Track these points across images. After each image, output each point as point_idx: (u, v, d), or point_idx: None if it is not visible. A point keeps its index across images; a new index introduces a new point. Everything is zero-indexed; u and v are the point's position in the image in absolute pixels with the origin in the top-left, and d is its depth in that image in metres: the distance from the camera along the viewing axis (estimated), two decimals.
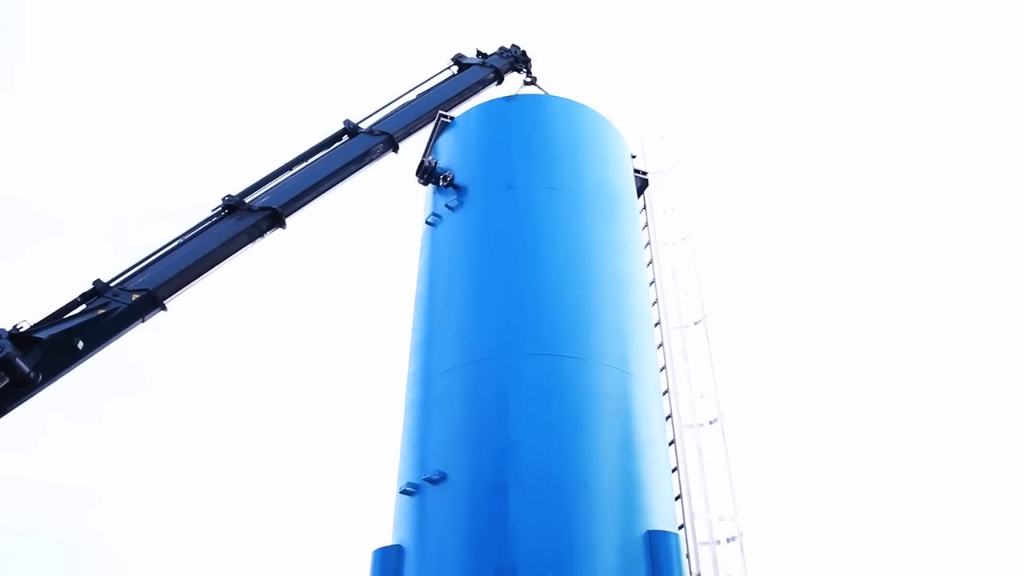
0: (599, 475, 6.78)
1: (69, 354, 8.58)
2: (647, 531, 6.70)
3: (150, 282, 9.17)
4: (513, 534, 6.39)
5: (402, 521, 7.17)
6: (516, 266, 7.86)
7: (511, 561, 6.28)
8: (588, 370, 7.29)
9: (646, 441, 7.32)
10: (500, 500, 6.53)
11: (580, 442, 6.89)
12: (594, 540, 6.49)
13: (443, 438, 7.18)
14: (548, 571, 6.25)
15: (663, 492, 7.28)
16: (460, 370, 7.40)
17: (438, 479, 6.84)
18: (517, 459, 6.71)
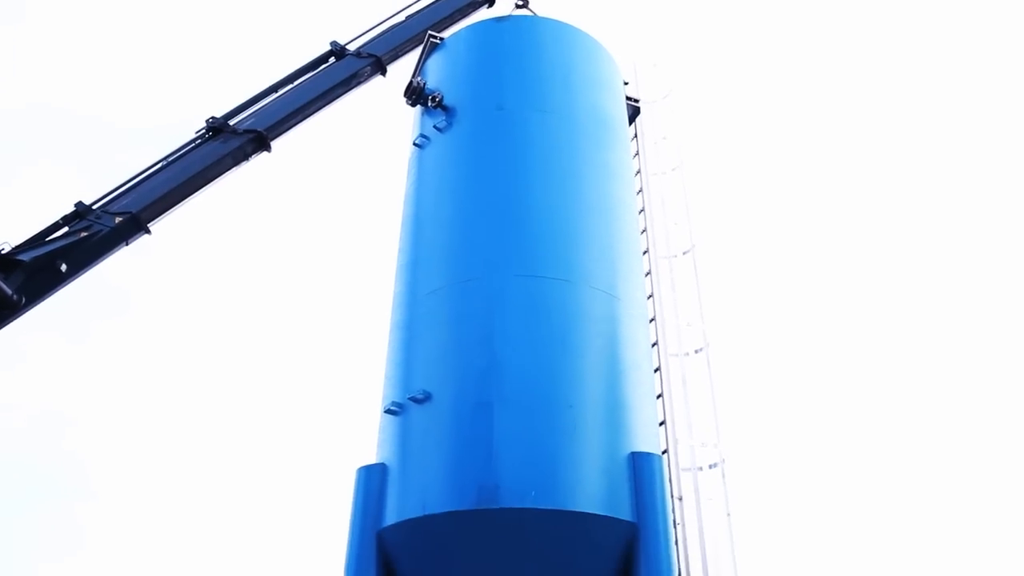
0: (584, 396, 6.80)
1: (52, 277, 8.49)
2: (631, 453, 6.74)
3: (133, 205, 9.04)
4: (497, 453, 6.41)
5: (386, 440, 7.19)
6: (504, 187, 7.75)
7: (494, 480, 6.31)
8: (575, 293, 7.24)
9: (632, 365, 7.32)
10: (484, 419, 6.54)
11: (566, 363, 6.88)
12: (578, 460, 6.53)
13: (428, 358, 7.16)
14: (531, 490, 6.30)
15: (647, 416, 7.32)
16: (446, 291, 7.34)
17: (422, 398, 6.83)
18: (502, 379, 6.71)
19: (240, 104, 9.78)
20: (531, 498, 6.20)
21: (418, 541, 6.50)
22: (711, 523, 7.53)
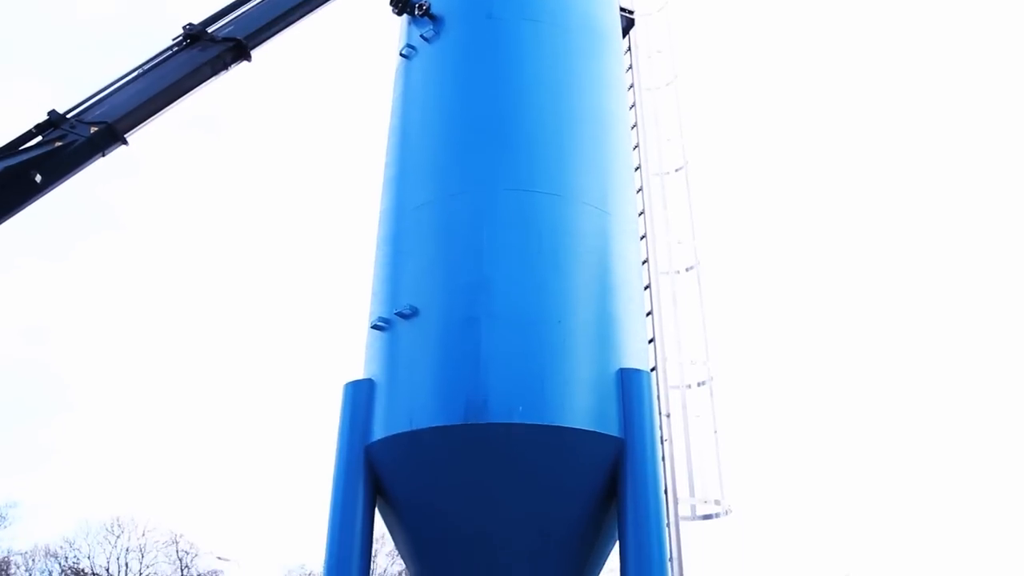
0: (574, 312, 6.73)
1: (27, 188, 8.26)
2: (620, 369, 6.72)
3: (109, 115, 8.74)
4: (484, 369, 6.36)
5: (373, 356, 7.13)
6: (493, 99, 7.48)
7: (482, 395, 6.28)
8: (565, 207, 7.09)
9: (622, 281, 7.23)
10: (472, 335, 6.47)
11: (555, 279, 6.78)
12: (566, 376, 6.49)
13: (415, 273, 7.04)
14: (519, 405, 6.28)
15: (637, 333, 7.27)
16: (433, 205, 7.17)
17: (410, 314, 6.74)
18: (490, 294, 6.60)
19: (219, 11, 9.38)
20: (519, 413, 6.20)
21: (405, 456, 6.51)
22: (698, 439, 7.60)
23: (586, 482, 6.45)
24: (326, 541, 6.79)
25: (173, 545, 59.02)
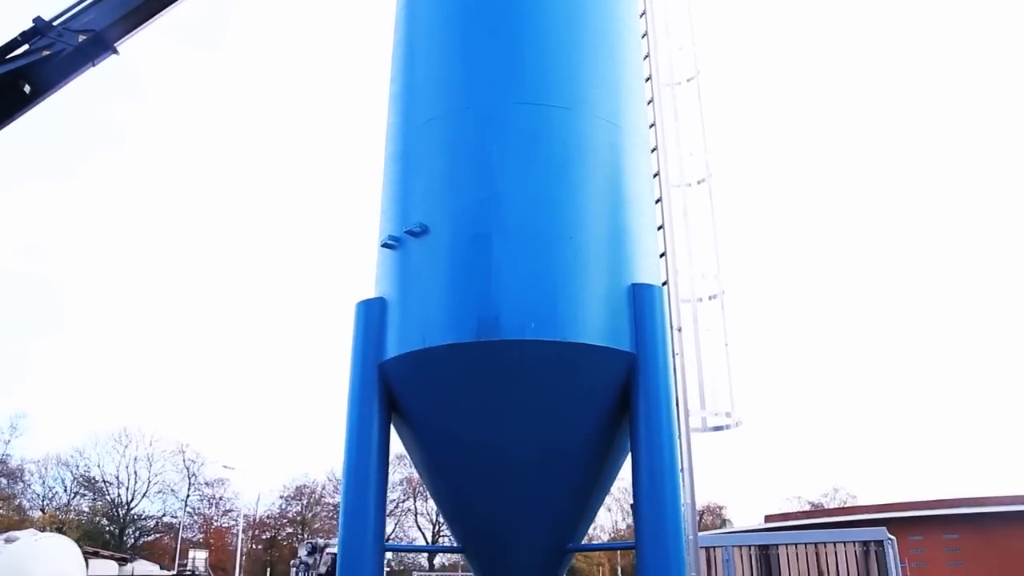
0: (585, 227, 6.65)
1: (16, 99, 8.02)
2: (631, 284, 6.68)
3: (96, 22, 8.39)
4: (496, 285, 6.33)
5: (384, 274, 7.10)
6: (502, 8, 7.20)
7: (494, 312, 6.26)
8: (576, 120, 6.91)
9: (634, 195, 7.13)
10: (483, 252, 6.41)
11: (566, 193, 6.68)
12: (578, 292, 6.46)
13: (424, 190, 6.94)
14: (531, 322, 6.25)
15: (648, 247, 7.21)
16: (441, 120, 6.99)
17: (419, 232, 6.66)
18: (501, 210, 6.51)
19: None
20: (531, 330, 6.19)
21: (419, 374, 6.54)
22: (708, 353, 7.62)
23: (599, 397, 6.50)
24: (344, 457, 6.91)
25: (180, 454, 60.92)
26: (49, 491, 59.05)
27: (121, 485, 58.74)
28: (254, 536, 61.87)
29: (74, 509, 58.22)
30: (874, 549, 9.73)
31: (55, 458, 59.44)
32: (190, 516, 60.55)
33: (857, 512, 59.12)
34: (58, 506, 57.45)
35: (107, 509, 58.64)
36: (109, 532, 55.83)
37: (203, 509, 61.83)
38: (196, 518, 61.35)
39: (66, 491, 59.13)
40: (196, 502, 61.25)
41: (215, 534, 59.89)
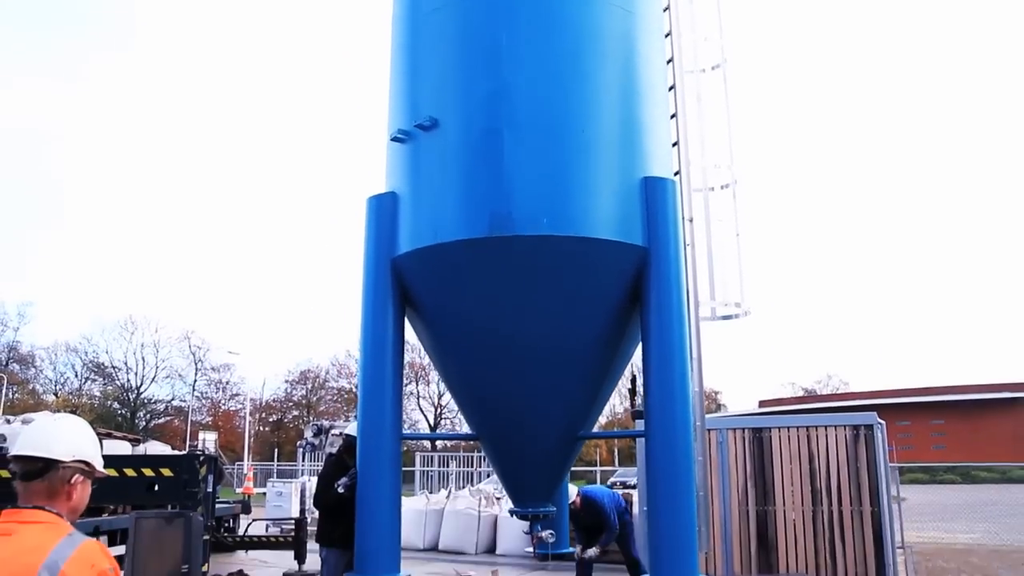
0: (598, 119, 6.52)
1: None
2: (644, 177, 6.61)
3: None
4: (508, 180, 6.27)
5: (395, 169, 7.02)
6: None
7: (506, 207, 6.22)
8: (588, 7, 6.67)
9: (647, 84, 6.96)
10: (494, 145, 6.31)
11: (578, 84, 6.51)
12: (590, 185, 6.41)
13: (433, 82, 6.77)
14: (543, 216, 6.22)
15: (661, 137, 7.09)
16: (449, 7, 6.73)
17: (429, 125, 6.53)
18: (512, 102, 6.37)
19: None
20: (543, 225, 6.16)
21: (432, 269, 6.57)
22: (720, 243, 7.60)
23: (611, 290, 6.55)
24: (360, 351, 7.03)
25: (185, 341, 61.99)
26: (61, 376, 60.50)
27: (130, 370, 60.13)
28: (261, 419, 63.76)
29: (86, 394, 59.78)
30: (864, 433, 10.01)
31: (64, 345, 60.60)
32: (198, 400, 62.28)
33: (849, 398, 60.83)
34: (70, 391, 58.95)
35: (118, 393, 60.17)
36: (121, 415, 57.46)
37: (210, 393, 63.53)
38: (204, 402, 63.12)
39: (77, 376, 60.59)
40: (203, 386, 62.87)
41: (223, 417, 61.68)
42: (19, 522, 2.20)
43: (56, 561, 2.07)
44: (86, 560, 2.13)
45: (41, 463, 2.26)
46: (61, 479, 2.28)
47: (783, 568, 10.07)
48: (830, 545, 9.96)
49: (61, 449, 2.29)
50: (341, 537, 6.91)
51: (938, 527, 18.79)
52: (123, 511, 10.31)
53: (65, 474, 2.28)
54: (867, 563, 9.79)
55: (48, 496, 2.26)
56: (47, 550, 2.09)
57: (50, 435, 2.32)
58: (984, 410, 58.65)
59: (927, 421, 58.72)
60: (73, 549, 2.13)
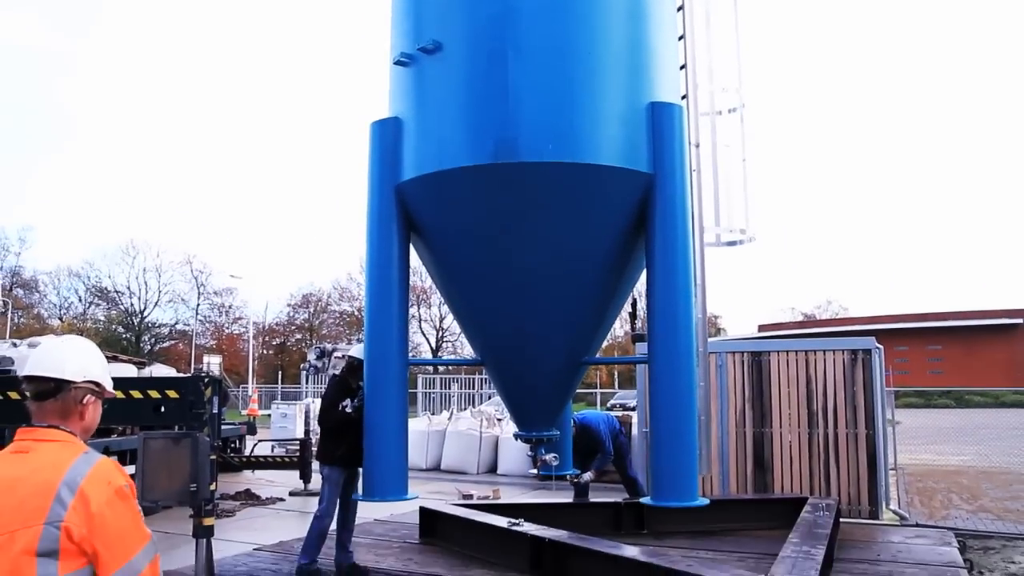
0: (604, 41, 6.38)
1: None
2: (650, 103, 6.51)
3: None
4: (513, 105, 6.16)
5: (398, 93, 6.89)
6: None
7: (511, 133, 6.15)
8: None
9: (654, 6, 6.80)
10: (498, 70, 6.18)
11: (584, 5, 6.36)
12: (596, 112, 6.31)
13: (437, 4, 6.60)
14: (549, 143, 6.14)
15: (668, 60, 6.94)
16: None
17: (432, 49, 6.37)
18: (516, 25, 6.21)
19: None
20: (549, 152, 6.10)
21: (436, 196, 6.53)
22: (726, 168, 7.53)
23: (616, 217, 6.53)
24: (365, 278, 7.05)
25: (187, 265, 62.06)
26: (64, 301, 60.79)
27: (133, 295, 60.38)
28: (264, 342, 64.33)
29: (91, 318, 60.14)
30: (861, 357, 10.12)
31: (66, 270, 60.74)
32: (201, 324, 62.70)
33: (848, 323, 61.21)
34: (75, 315, 59.30)
35: (122, 318, 60.55)
36: (126, 339, 57.96)
37: (214, 317, 63.93)
38: (207, 325, 63.56)
39: (81, 301, 60.87)
40: (206, 310, 63.22)
41: (227, 340, 62.22)
42: (36, 440, 2.23)
43: (75, 478, 2.10)
44: (103, 477, 2.16)
45: (53, 383, 2.28)
46: (73, 399, 2.30)
47: (778, 489, 10.32)
48: (824, 467, 10.19)
49: (72, 369, 2.31)
50: (343, 456, 7.07)
51: (930, 449, 19.19)
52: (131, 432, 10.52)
53: (77, 394, 2.31)
54: (860, 484, 10.03)
55: (61, 416, 2.28)
56: (65, 467, 2.13)
57: (60, 356, 2.34)
58: (981, 336, 59.16)
59: (924, 347, 59.28)
60: (90, 466, 2.16)
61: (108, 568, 2.09)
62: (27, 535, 2.03)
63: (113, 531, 2.11)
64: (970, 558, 8.03)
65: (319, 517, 7.00)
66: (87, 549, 2.07)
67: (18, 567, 2.01)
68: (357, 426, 6.88)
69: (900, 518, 10.29)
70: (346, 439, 7.02)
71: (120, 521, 2.14)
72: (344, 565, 7.13)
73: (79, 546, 2.06)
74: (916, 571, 7.04)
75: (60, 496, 2.06)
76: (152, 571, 2.20)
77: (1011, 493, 13.07)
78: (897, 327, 57.79)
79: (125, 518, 2.16)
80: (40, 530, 2.03)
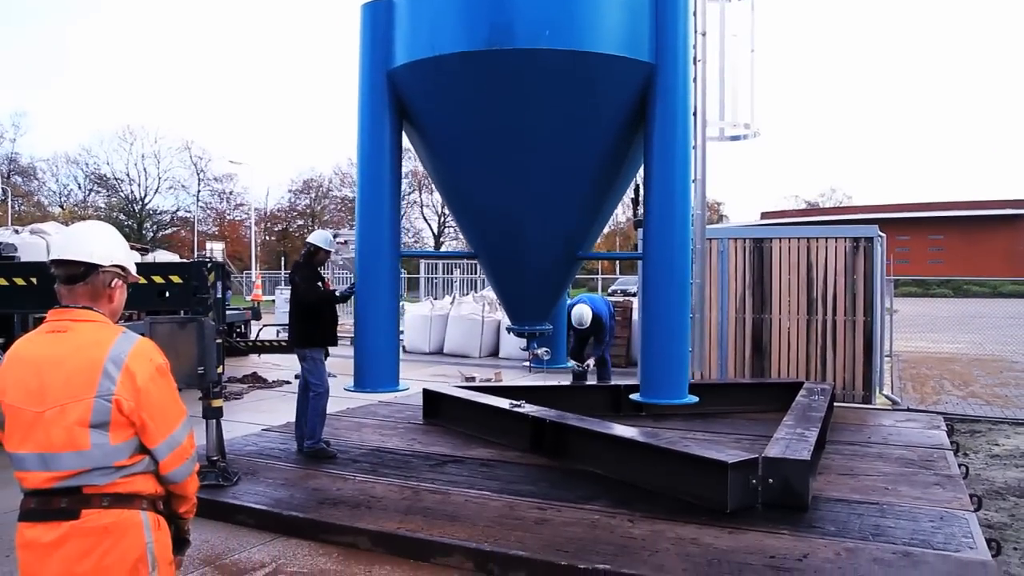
0: None
1: None
2: None
3: None
4: None
5: None
6: None
7: (507, 18, 5.93)
8: None
9: None
10: None
11: None
12: None
13: None
14: (546, 29, 5.92)
15: None
16: None
17: None
18: None
19: None
20: (545, 38, 5.88)
21: (430, 83, 6.35)
22: (733, 60, 7.28)
23: (613, 109, 6.36)
24: (357, 167, 6.93)
25: (186, 151, 61.31)
26: (64, 188, 60.29)
27: (132, 182, 59.89)
28: (266, 228, 64.24)
29: (91, 205, 59.82)
30: (863, 245, 10.11)
31: (64, 156, 60.06)
32: (203, 210, 62.46)
33: (850, 212, 60.93)
34: (75, 202, 59.01)
35: (123, 205, 60.22)
36: (128, 227, 57.88)
37: (215, 204, 63.60)
38: (209, 212, 63.30)
39: (81, 188, 60.41)
40: (207, 197, 62.83)
41: (229, 227, 62.12)
42: (73, 320, 2.30)
43: (119, 355, 2.23)
44: (145, 354, 2.30)
45: (82, 267, 2.34)
46: (102, 282, 2.37)
47: (775, 374, 10.53)
48: (821, 352, 10.36)
49: (100, 253, 2.38)
50: (322, 337, 7.16)
51: (926, 337, 19.47)
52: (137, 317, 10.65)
53: (105, 278, 2.38)
54: (855, 370, 10.22)
55: (91, 298, 2.36)
56: (108, 345, 2.25)
57: (88, 241, 2.39)
58: (982, 226, 58.95)
59: (925, 236, 59.21)
60: (132, 344, 2.29)
61: (154, 439, 2.28)
62: (79, 407, 2.18)
63: (157, 404, 2.28)
64: (957, 440, 8.27)
65: (318, 396, 7.11)
66: (135, 421, 2.24)
67: (73, 437, 2.18)
68: (332, 307, 7.06)
69: (892, 403, 10.54)
70: (321, 321, 7.10)
71: (163, 395, 2.30)
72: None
73: (128, 418, 2.22)
74: (904, 452, 7.27)
75: (107, 371, 2.21)
76: (190, 442, 2.40)
77: (1001, 380, 13.35)
78: (900, 216, 57.55)
79: (166, 393, 2.32)
80: (92, 403, 2.19)
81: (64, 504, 2.18)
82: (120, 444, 2.23)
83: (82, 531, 2.17)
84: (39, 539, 2.18)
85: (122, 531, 2.22)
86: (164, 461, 2.31)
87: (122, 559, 2.21)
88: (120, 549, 2.20)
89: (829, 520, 5.23)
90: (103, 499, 2.20)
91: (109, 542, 2.19)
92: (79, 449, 2.18)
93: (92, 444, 2.19)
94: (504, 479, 6.31)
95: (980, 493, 6.17)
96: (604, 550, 4.68)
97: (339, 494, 5.89)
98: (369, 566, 4.80)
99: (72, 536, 2.16)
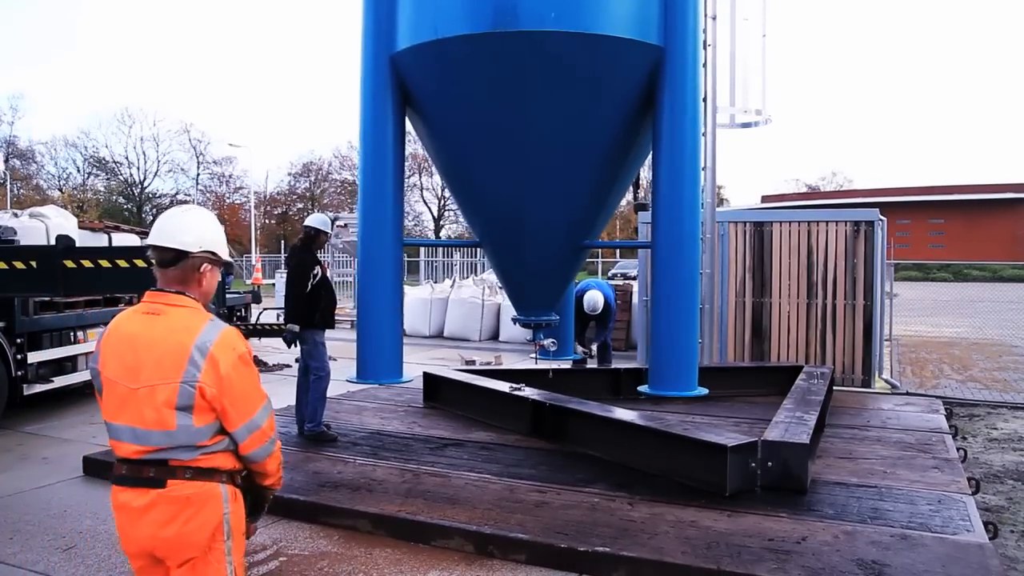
0: None
1: None
2: None
3: None
4: None
5: None
6: None
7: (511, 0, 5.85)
8: None
9: None
10: None
11: None
12: None
13: None
14: (551, 11, 5.88)
15: None
16: None
17: None
18: None
19: None
20: (551, 20, 5.84)
21: (433, 66, 6.31)
22: (744, 45, 7.21)
23: (621, 94, 6.32)
24: (359, 154, 6.88)
25: (185, 134, 61.17)
26: (63, 172, 60.13)
27: (132, 165, 59.75)
28: (266, 212, 64.14)
29: (90, 189, 59.72)
30: (864, 229, 10.09)
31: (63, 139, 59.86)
32: (202, 194, 62.33)
33: (851, 196, 60.78)
34: (75, 186, 58.88)
35: (122, 188, 60.11)
36: (128, 210, 57.77)
37: (214, 187, 63.48)
38: (208, 195, 63.15)
39: (80, 171, 60.26)
40: (207, 180, 62.72)
41: (228, 211, 62.02)
42: (166, 304, 2.45)
43: (205, 343, 2.37)
44: (229, 343, 2.42)
45: (172, 252, 2.47)
46: (192, 267, 2.49)
47: (775, 357, 10.54)
48: (821, 336, 10.37)
49: (189, 239, 2.48)
50: (320, 320, 7.14)
51: (925, 321, 19.48)
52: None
53: (195, 263, 2.49)
54: (855, 354, 10.24)
55: (182, 282, 2.49)
56: (196, 332, 2.39)
57: (179, 226, 2.50)
58: (983, 210, 58.87)
59: (926, 220, 59.13)
60: (217, 333, 2.41)
61: (234, 424, 2.44)
62: (167, 390, 2.35)
63: (238, 391, 2.42)
64: (955, 424, 8.29)
65: (320, 379, 7.10)
66: (216, 406, 2.39)
67: (162, 417, 2.35)
68: (329, 289, 7.05)
69: (891, 387, 10.56)
70: (319, 303, 7.08)
71: (244, 383, 2.44)
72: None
73: (210, 404, 2.38)
74: (903, 436, 7.28)
75: (193, 358, 2.35)
76: (270, 424, 2.56)
77: (1000, 364, 13.36)
78: (900, 200, 57.44)
79: (248, 380, 2.47)
80: (177, 387, 2.34)
81: (152, 474, 2.38)
82: (202, 427, 2.39)
83: (168, 499, 2.37)
84: (130, 503, 2.39)
85: (203, 501, 2.40)
86: (243, 444, 2.48)
87: (202, 527, 2.40)
88: (201, 518, 2.40)
89: (828, 503, 5.25)
90: (186, 472, 2.39)
91: (191, 511, 2.38)
92: (166, 429, 2.36)
93: (178, 425, 2.36)
94: (504, 462, 6.32)
95: (978, 476, 6.20)
96: (604, 533, 4.70)
97: (339, 477, 5.91)
98: (369, 549, 4.82)
99: (159, 503, 2.37)
